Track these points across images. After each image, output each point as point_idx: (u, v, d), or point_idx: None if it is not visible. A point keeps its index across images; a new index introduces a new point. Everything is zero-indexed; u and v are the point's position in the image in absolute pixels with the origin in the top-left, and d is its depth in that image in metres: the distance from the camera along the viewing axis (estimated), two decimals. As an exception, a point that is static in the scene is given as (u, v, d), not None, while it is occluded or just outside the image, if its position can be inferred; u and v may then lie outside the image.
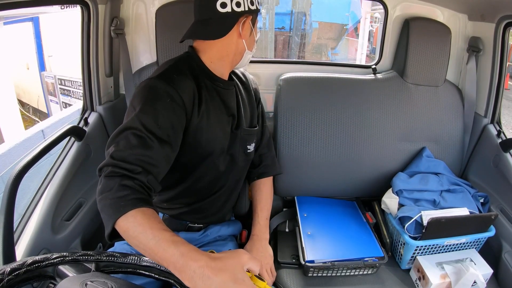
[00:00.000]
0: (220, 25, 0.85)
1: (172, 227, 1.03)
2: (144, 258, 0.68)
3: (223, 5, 0.83)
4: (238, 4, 0.83)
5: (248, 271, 0.60)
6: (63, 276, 0.62)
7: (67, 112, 3.54)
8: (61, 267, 0.64)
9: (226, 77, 0.95)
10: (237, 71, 1.06)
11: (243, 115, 1.00)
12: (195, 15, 0.88)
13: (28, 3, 0.89)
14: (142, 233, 0.57)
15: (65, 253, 0.64)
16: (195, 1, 0.87)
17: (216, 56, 0.89)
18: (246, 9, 0.85)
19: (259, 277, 0.64)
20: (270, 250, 1.05)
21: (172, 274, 0.67)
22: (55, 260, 0.63)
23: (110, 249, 0.98)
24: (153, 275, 0.69)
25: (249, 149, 1.05)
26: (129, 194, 0.61)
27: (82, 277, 0.60)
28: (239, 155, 1.01)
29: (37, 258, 0.61)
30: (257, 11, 0.89)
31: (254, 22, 0.90)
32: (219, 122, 0.92)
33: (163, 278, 0.69)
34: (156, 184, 0.71)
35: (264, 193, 1.14)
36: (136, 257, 0.68)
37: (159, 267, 0.68)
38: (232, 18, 0.85)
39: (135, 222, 0.58)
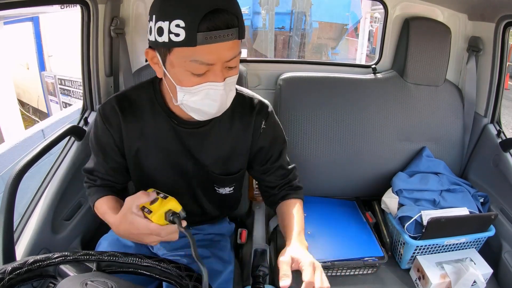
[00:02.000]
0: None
1: None
2: (145, 258, 0.68)
3: (149, 31, 0.67)
4: (154, 32, 0.65)
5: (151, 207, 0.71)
6: (64, 275, 0.63)
7: (67, 112, 3.53)
8: (62, 267, 0.64)
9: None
10: (245, 95, 0.86)
11: (209, 158, 0.85)
12: None
13: (28, 3, 0.89)
14: (101, 214, 0.83)
15: (66, 253, 0.64)
16: None
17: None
18: (152, 39, 0.66)
19: (161, 197, 0.72)
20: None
21: (173, 274, 0.68)
22: (56, 260, 0.63)
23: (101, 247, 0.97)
24: (154, 275, 0.70)
25: (219, 191, 0.92)
26: (92, 193, 0.87)
27: (83, 277, 0.61)
28: (204, 194, 0.92)
29: (38, 257, 0.61)
30: (169, 45, 0.64)
31: (164, 57, 0.67)
32: (168, 159, 0.84)
33: (164, 278, 0.70)
34: (115, 183, 0.89)
35: (298, 210, 0.87)
36: (137, 257, 0.68)
37: (160, 267, 0.68)
38: (157, 47, 0.68)
39: (97, 209, 0.84)
